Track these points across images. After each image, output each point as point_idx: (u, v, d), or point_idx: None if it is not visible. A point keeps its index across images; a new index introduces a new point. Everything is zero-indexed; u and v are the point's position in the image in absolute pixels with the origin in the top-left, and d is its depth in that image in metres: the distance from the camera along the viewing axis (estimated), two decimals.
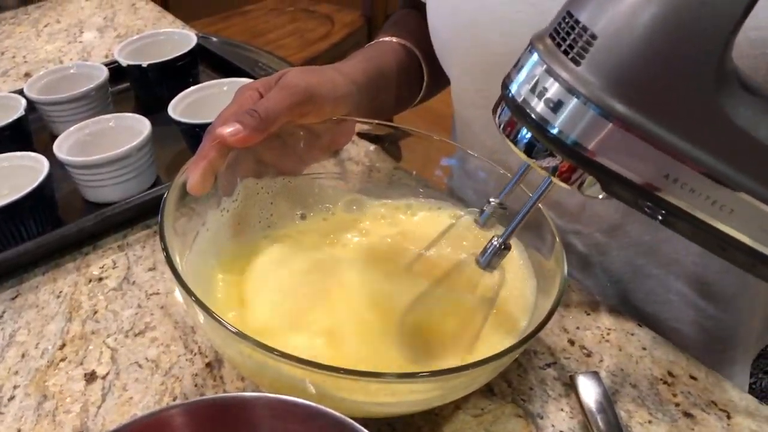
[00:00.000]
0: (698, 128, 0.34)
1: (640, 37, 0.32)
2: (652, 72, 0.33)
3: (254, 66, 0.90)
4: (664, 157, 0.35)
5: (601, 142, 0.34)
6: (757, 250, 0.38)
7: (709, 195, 0.36)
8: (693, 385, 0.48)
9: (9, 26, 1.19)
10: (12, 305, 0.61)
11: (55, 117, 0.82)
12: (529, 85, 0.36)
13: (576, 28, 0.34)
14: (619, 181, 0.36)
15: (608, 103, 0.34)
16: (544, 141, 0.36)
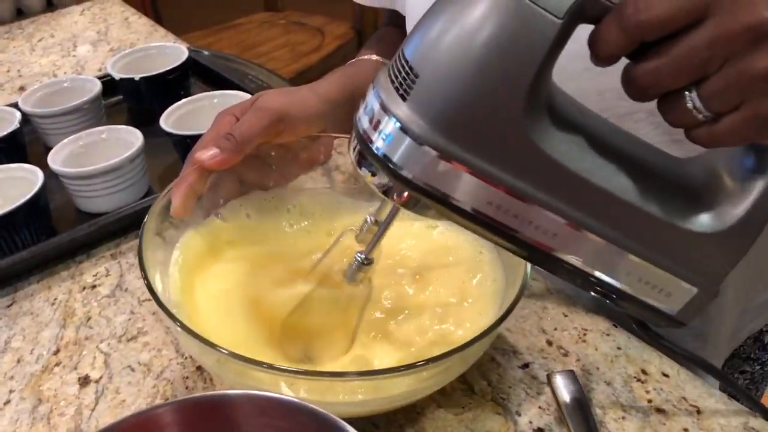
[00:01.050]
0: (514, 159, 0.37)
1: (454, 76, 0.35)
2: (467, 109, 0.36)
3: (244, 78, 0.92)
4: (485, 187, 0.37)
5: (427, 172, 0.37)
6: (582, 270, 0.40)
7: (531, 220, 0.38)
8: (665, 382, 0.50)
9: (3, 40, 1.21)
10: (7, 312, 0.62)
11: (49, 129, 0.84)
12: (369, 119, 0.38)
13: (405, 66, 0.36)
14: (451, 208, 0.38)
15: (432, 138, 0.36)
16: (384, 171, 0.38)
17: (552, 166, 0.37)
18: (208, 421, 0.37)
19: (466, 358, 0.46)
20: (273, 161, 0.61)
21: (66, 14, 1.30)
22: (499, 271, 0.53)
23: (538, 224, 0.38)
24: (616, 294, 0.41)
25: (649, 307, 0.42)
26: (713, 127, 0.35)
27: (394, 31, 0.80)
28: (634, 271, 0.40)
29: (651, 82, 0.34)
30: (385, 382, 0.44)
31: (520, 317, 0.57)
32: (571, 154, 0.38)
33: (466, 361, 0.47)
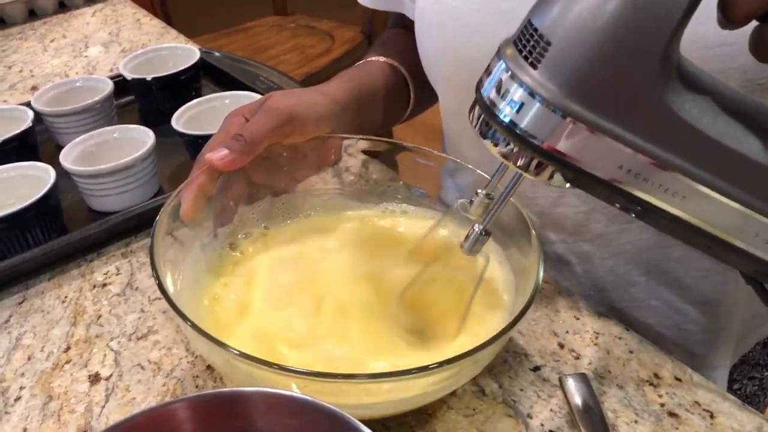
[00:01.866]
0: (645, 122, 0.37)
1: (587, 42, 0.35)
2: (600, 74, 0.36)
3: (255, 80, 0.92)
4: (616, 150, 0.37)
5: (558, 139, 0.38)
6: (711, 234, 0.40)
7: (661, 183, 0.38)
8: (678, 387, 0.50)
9: (16, 41, 1.22)
10: (18, 310, 0.63)
11: (61, 128, 0.85)
12: (496, 89, 0.39)
13: (534, 35, 0.37)
14: (579, 173, 0.39)
15: (563, 103, 0.37)
16: (512, 140, 0.39)
17: (686, 129, 0.37)
18: (221, 417, 0.37)
19: (477, 362, 0.46)
20: (283, 163, 0.61)
21: (78, 15, 1.31)
22: (510, 274, 0.53)
23: (668, 187, 0.38)
24: (739, 253, 0.41)
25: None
26: None
27: (400, 33, 0.80)
28: (763, 232, 0.40)
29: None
30: (396, 384, 0.43)
31: (532, 320, 0.56)
32: (704, 117, 0.38)
33: (478, 364, 0.47)
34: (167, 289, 0.47)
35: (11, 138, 0.78)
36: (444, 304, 0.52)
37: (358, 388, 0.44)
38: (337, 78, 0.70)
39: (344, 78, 0.70)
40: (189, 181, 0.54)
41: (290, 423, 0.37)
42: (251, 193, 0.60)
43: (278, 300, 0.53)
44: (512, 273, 0.53)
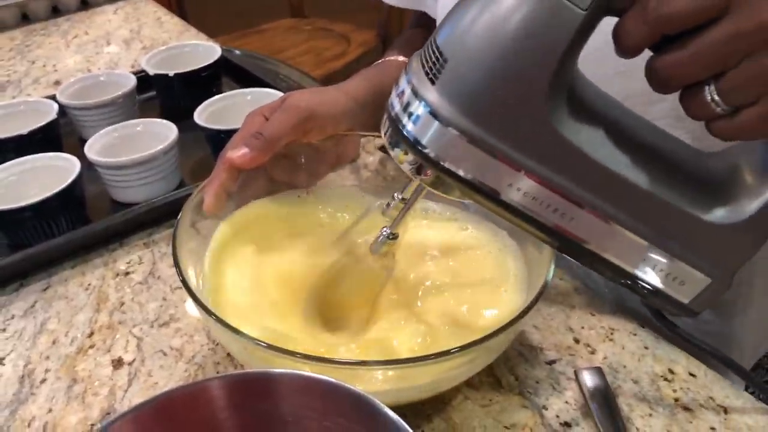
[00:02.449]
0: (535, 144, 0.38)
1: (480, 62, 0.37)
2: (491, 94, 0.37)
3: (275, 78, 0.94)
4: (505, 168, 0.39)
5: (451, 153, 0.39)
6: (597, 254, 0.42)
7: (549, 203, 0.40)
8: (692, 382, 0.51)
9: (40, 37, 1.24)
10: (43, 296, 0.64)
11: (85, 121, 0.86)
12: (399, 101, 0.40)
13: (435, 51, 0.38)
14: (475, 189, 0.40)
15: (456, 120, 0.38)
16: (412, 152, 0.40)
17: (572, 152, 0.38)
18: (248, 397, 0.38)
19: (489, 350, 0.47)
20: (302, 160, 0.63)
21: (100, 13, 1.33)
22: (522, 265, 0.54)
23: (557, 208, 0.40)
24: (630, 280, 0.43)
25: (662, 295, 0.43)
26: (732, 121, 0.36)
27: (420, 32, 0.81)
28: (649, 259, 0.41)
29: (672, 74, 0.36)
30: (409, 371, 0.44)
31: (548, 315, 0.57)
32: (593, 142, 0.39)
33: (490, 352, 0.47)
34: (187, 279, 0.48)
35: (37, 130, 0.80)
36: (355, 298, 0.54)
37: (373, 375, 0.45)
38: (356, 76, 0.71)
39: (363, 76, 0.71)
40: (211, 178, 0.56)
41: (315, 405, 0.38)
42: (271, 190, 0.61)
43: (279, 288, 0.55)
44: (526, 268, 0.54)
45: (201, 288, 0.53)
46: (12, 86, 1.07)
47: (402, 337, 0.49)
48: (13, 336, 0.60)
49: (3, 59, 1.17)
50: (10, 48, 1.21)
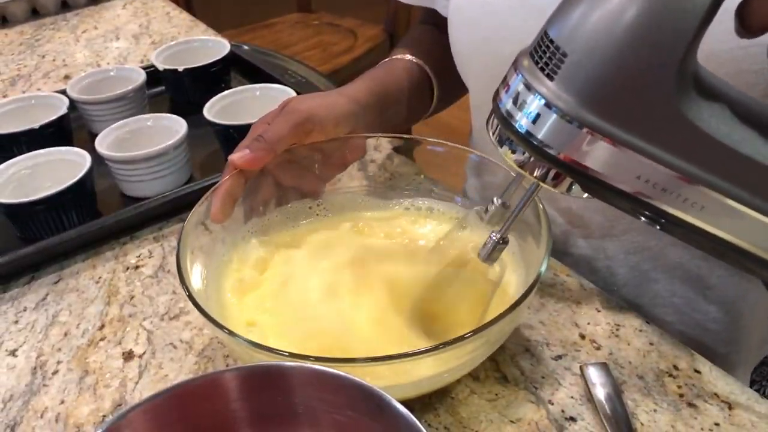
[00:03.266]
0: (662, 132, 0.38)
1: (603, 53, 0.36)
2: (617, 85, 0.37)
3: (284, 73, 0.94)
4: (633, 161, 0.38)
5: (575, 150, 0.38)
6: (732, 243, 0.41)
7: (680, 193, 0.39)
8: (697, 378, 0.51)
9: (49, 31, 1.25)
10: (55, 288, 0.65)
11: (95, 116, 0.87)
12: (512, 100, 0.40)
13: (551, 46, 0.38)
14: (597, 183, 0.39)
15: (579, 115, 0.37)
16: (528, 150, 0.40)
17: (703, 138, 0.37)
18: (262, 389, 0.38)
19: (488, 340, 0.47)
20: (308, 164, 0.63)
21: (109, 8, 1.33)
22: (522, 269, 0.55)
23: (687, 197, 0.39)
24: (756, 261, 0.41)
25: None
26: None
27: (428, 30, 0.81)
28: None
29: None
30: (409, 364, 0.45)
31: (554, 311, 0.58)
32: (722, 127, 0.38)
33: (489, 343, 0.48)
34: (189, 286, 0.50)
35: (48, 124, 0.80)
36: (459, 310, 0.53)
37: (374, 370, 0.45)
38: (359, 79, 0.72)
39: (367, 78, 0.72)
40: (218, 185, 0.57)
41: (327, 398, 0.38)
42: (280, 195, 0.62)
43: (298, 293, 0.56)
44: (524, 267, 0.55)
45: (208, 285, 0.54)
46: (22, 80, 1.08)
47: None
48: (25, 328, 0.61)
49: (13, 54, 1.17)
50: (20, 43, 1.21)
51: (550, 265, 0.63)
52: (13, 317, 0.62)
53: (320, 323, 0.52)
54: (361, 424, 0.38)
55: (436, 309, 0.53)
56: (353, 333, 0.52)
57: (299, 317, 0.53)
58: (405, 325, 0.52)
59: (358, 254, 0.58)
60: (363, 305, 0.53)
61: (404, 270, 0.56)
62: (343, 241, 0.60)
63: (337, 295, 0.54)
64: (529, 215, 0.53)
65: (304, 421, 0.39)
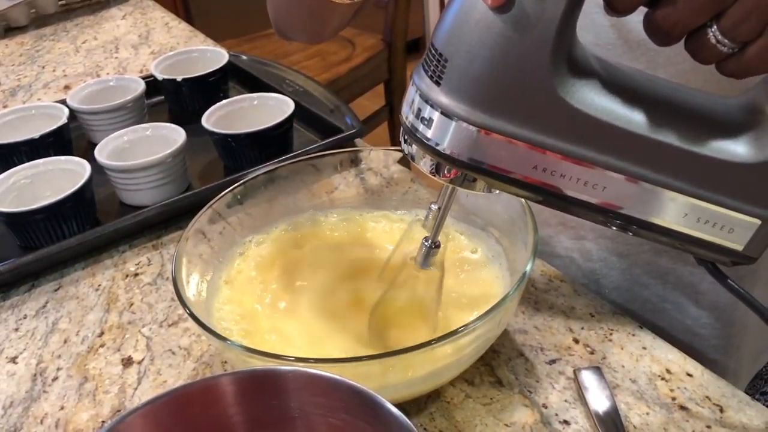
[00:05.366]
0: (545, 119, 0.39)
1: (478, 51, 0.37)
2: (497, 80, 0.38)
3: (282, 83, 0.95)
4: (526, 151, 0.39)
5: (471, 148, 0.39)
6: (646, 221, 0.41)
7: (578, 177, 0.40)
8: (689, 382, 0.52)
9: (49, 42, 1.26)
10: (54, 296, 0.65)
11: (95, 125, 0.88)
12: (413, 112, 0.41)
13: (435, 54, 0.39)
14: (502, 179, 0.40)
15: (470, 116, 0.38)
16: (435, 157, 0.41)
17: (589, 121, 0.38)
18: (257, 393, 0.39)
19: (475, 339, 0.48)
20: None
21: (108, 18, 1.35)
22: (506, 273, 0.57)
23: (587, 180, 0.40)
24: (677, 238, 0.42)
25: (714, 247, 0.42)
26: (741, 58, 0.36)
27: None
28: (691, 212, 0.41)
29: (672, 23, 0.36)
30: (398, 363, 0.46)
31: (549, 316, 0.58)
32: (608, 107, 0.39)
33: (476, 342, 0.48)
34: (184, 294, 0.50)
35: (48, 134, 0.81)
36: (410, 322, 0.54)
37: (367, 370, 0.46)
38: None
39: None
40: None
41: (322, 402, 0.39)
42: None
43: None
44: (512, 271, 0.56)
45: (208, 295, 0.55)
46: (22, 91, 1.09)
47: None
48: (25, 335, 0.61)
49: (14, 64, 1.19)
50: (20, 53, 1.22)
51: (545, 270, 0.63)
52: (13, 324, 0.63)
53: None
54: (356, 428, 0.38)
55: (395, 324, 0.54)
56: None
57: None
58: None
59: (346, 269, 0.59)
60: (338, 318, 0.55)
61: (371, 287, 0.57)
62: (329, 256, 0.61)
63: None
64: (517, 218, 0.54)
65: (300, 425, 0.40)
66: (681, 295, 0.67)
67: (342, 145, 0.80)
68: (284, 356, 0.45)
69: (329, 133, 0.84)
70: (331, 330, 0.54)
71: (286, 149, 0.81)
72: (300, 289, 0.57)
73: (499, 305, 0.46)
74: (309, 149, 0.79)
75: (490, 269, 0.58)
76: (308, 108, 0.88)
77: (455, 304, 0.55)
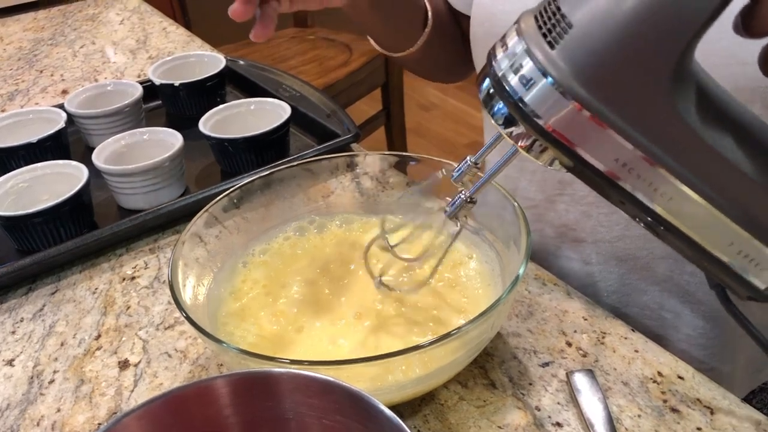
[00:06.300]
0: (650, 121, 0.38)
1: (608, 32, 0.36)
2: (616, 65, 0.37)
3: (278, 88, 0.96)
4: (615, 142, 0.38)
5: (563, 122, 0.38)
6: (690, 238, 0.42)
7: (651, 182, 0.39)
8: (680, 384, 0.52)
9: (47, 46, 1.27)
10: (51, 299, 0.66)
11: (92, 130, 0.88)
12: (509, 61, 0.39)
13: (557, 14, 0.37)
14: (576, 160, 0.40)
15: (573, 88, 0.37)
16: (516, 115, 0.39)
17: (688, 134, 0.38)
18: (252, 395, 0.39)
19: (468, 342, 0.48)
20: None
21: (106, 23, 1.35)
22: (498, 277, 0.57)
23: (658, 187, 0.39)
24: (709, 259, 0.42)
25: (739, 278, 0.43)
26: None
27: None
28: (737, 243, 0.41)
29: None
30: (392, 365, 0.46)
31: (542, 320, 0.59)
32: (707, 126, 0.38)
33: (469, 345, 0.49)
34: (180, 297, 0.51)
35: (46, 138, 0.82)
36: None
37: (361, 372, 0.46)
38: None
39: None
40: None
41: (316, 403, 0.39)
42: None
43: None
44: (506, 276, 0.56)
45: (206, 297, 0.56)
46: (20, 95, 1.09)
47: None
48: (22, 338, 0.62)
49: (12, 69, 1.19)
50: (18, 58, 1.23)
51: (539, 274, 0.64)
52: (10, 327, 0.63)
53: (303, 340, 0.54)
54: (350, 429, 0.38)
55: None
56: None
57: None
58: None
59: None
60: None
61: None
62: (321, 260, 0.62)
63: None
64: (511, 222, 0.54)
65: (294, 427, 0.40)
66: (678, 302, 0.67)
67: (338, 150, 0.81)
68: (279, 358, 0.45)
69: (326, 137, 0.84)
70: (333, 336, 0.54)
71: (282, 153, 0.82)
72: (302, 298, 0.58)
73: (492, 308, 0.47)
74: (305, 154, 0.79)
75: (484, 273, 0.59)
76: (305, 113, 0.88)
77: (449, 307, 0.55)
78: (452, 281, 0.58)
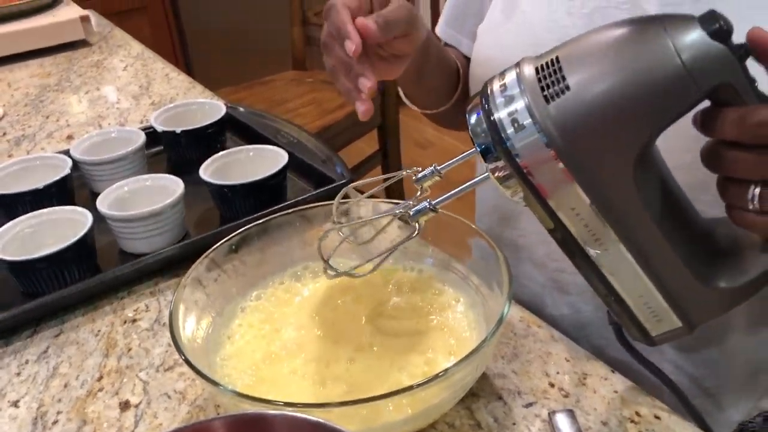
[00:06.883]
0: (612, 188, 0.44)
1: (596, 105, 0.42)
2: (597, 134, 0.42)
3: (277, 134, 0.99)
4: (575, 194, 0.44)
5: (538, 166, 0.43)
6: (609, 282, 0.48)
7: (595, 232, 0.45)
8: (657, 424, 0.54)
9: (53, 92, 1.31)
10: (55, 342, 0.68)
11: (96, 175, 0.91)
12: (504, 100, 0.44)
13: (558, 73, 0.43)
14: (539, 200, 0.45)
15: (556, 141, 0.42)
16: (499, 148, 0.44)
17: (638, 206, 0.44)
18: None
19: (454, 383, 0.51)
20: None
21: (111, 69, 1.40)
22: (483, 321, 0.60)
23: (599, 238, 0.45)
24: (615, 298, 0.48)
25: (636, 321, 0.49)
26: (756, 218, 0.43)
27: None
28: (645, 295, 0.47)
29: (731, 166, 0.42)
30: (380, 408, 0.49)
31: (526, 361, 0.61)
32: (654, 205, 0.45)
33: (455, 386, 0.52)
34: (180, 341, 0.53)
35: (51, 184, 0.85)
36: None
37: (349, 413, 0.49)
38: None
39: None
40: (346, 87, 0.62)
41: None
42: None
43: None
44: (486, 322, 0.59)
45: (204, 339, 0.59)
46: (27, 140, 1.13)
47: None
48: (27, 380, 0.64)
49: (19, 114, 1.23)
50: (25, 104, 1.27)
51: (523, 316, 0.67)
52: (15, 369, 0.65)
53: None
54: None
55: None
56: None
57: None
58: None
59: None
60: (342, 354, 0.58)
61: None
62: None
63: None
64: (494, 269, 0.57)
65: None
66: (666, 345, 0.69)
67: (334, 194, 0.84)
68: (273, 401, 0.48)
69: (321, 182, 0.88)
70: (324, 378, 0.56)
71: (279, 198, 0.85)
72: (296, 341, 0.60)
73: (477, 350, 0.49)
74: (301, 199, 0.82)
75: (469, 317, 0.61)
76: (301, 158, 0.92)
77: (436, 349, 0.58)
78: (441, 323, 0.61)
